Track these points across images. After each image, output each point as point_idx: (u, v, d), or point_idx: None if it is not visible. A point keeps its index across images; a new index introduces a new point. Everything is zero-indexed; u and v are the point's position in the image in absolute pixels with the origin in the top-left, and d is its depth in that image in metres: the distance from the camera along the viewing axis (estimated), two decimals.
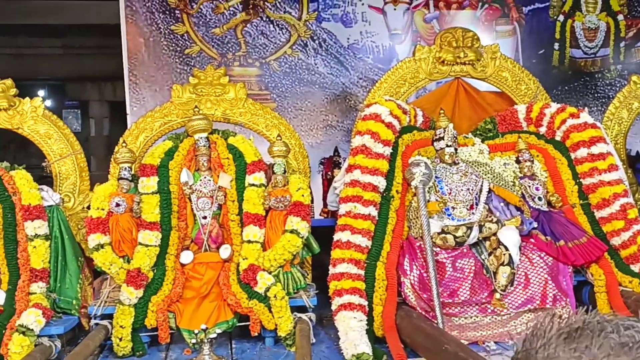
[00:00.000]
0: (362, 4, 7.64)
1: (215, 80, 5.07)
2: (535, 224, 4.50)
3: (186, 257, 4.36)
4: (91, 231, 4.24)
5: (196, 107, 4.81)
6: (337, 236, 4.30)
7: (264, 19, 7.46)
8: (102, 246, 4.21)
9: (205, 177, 4.54)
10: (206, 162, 4.55)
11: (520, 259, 4.28)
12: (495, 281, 4.16)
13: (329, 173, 6.41)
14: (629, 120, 5.60)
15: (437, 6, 7.80)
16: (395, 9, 7.72)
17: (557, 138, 4.90)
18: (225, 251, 4.39)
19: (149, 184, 4.36)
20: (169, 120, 4.98)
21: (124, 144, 4.63)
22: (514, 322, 4.20)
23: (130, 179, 4.46)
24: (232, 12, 7.39)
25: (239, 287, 4.15)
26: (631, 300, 4.08)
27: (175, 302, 4.13)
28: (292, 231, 4.29)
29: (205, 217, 4.46)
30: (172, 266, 4.25)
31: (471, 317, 4.19)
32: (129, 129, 5.07)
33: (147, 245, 4.21)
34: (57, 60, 11.27)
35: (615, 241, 4.48)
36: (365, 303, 4.06)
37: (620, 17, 8.05)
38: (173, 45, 7.27)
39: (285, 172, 4.57)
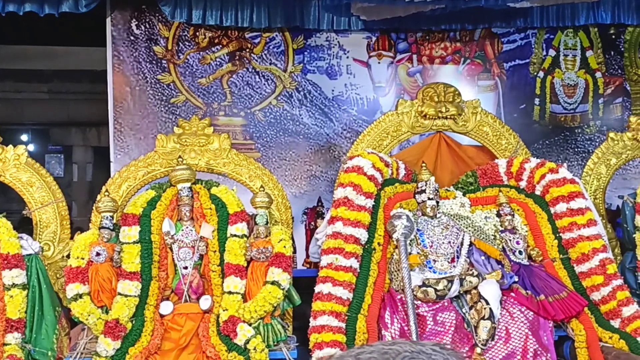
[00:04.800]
0: (347, 57, 7.79)
1: (199, 131, 5.11)
2: (516, 278, 4.52)
3: (166, 307, 4.31)
4: (70, 280, 4.20)
5: (180, 157, 4.84)
6: (318, 288, 4.29)
7: (250, 70, 7.58)
8: (80, 296, 4.16)
9: (187, 227, 4.53)
10: (188, 212, 4.55)
11: (501, 313, 4.28)
12: (476, 335, 4.16)
13: (312, 223, 6.42)
14: (607, 175, 5.68)
15: (421, 60, 7.97)
16: (379, 63, 7.87)
17: (537, 192, 4.96)
18: (205, 302, 4.36)
19: (130, 233, 4.35)
20: (153, 170, 4.99)
21: (106, 193, 4.63)
22: None
23: (111, 228, 4.45)
24: (218, 63, 7.50)
25: (219, 338, 4.11)
26: (611, 356, 4.09)
27: (153, 353, 4.07)
28: (273, 282, 4.27)
29: (186, 268, 4.44)
30: (151, 317, 4.20)
31: None
32: (111, 178, 5.07)
33: (126, 296, 4.17)
34: (42, 104, 11.28)
35: (595, 296, 4.50)
36: None
37: (598, 74, 8.26)
38: (159, 94, 7.34)
39: (267, 223, 4.58)
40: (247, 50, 7.54)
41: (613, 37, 8.20)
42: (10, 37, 8.19)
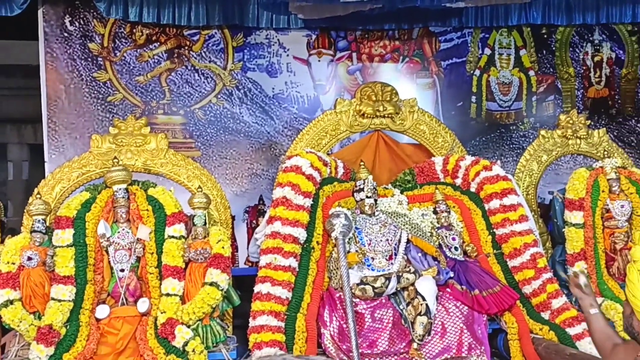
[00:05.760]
0: (287, 55, 7.78)
1: (136, 131, 5.03)
2: (451, 274, 4.63)
3: (102, 311, 4.24)
4: (0, 286, 4.07)
5: (115, 157, 4.75)
6: (257, 288, 4.30)
7: (189, 67, 7.49)
8: (11, 302, 4.04)
9: (123, 229, 4.46)
10: (125, 213, 4.48)
11: (437, 309, 4.38)
12: (413, 331, 4.24)
13: (254, 222, 6.41)
14: (539, 172, 5.87)
15: (360, 59, 8.03)
16: (319, 61, 7.89)
17: (472, 189, 5.09)
18: (143, 305, 4.30)
19: (63, 236, 4.25)
20: (87, 171, 4.89)
21: (38, 196, 4.51)
22: None
23: (44, 231, 4.34)
24: (156, 61, 7.38)
25: (157, 341, 4.07)
26: (541, 347, 4.24)
27: (88, 359, 3.99)
28: (211, 284, 4.25)
29: (122, 270, 4.37)
30: (87, 321, 4.13)
31: None
32: (44, 180, 4.94)
33: (60, 300, 4.08)
34: None
35: (527, 289, 4.66)
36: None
37: (531, 73, 8.50)
38: (95, 92, 7.17)
39: (205, 223, 4.55)
40: (186, 47, 7.45)
41: (545, 36, 8.45)
42: None
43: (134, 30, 7.30)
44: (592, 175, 5.29)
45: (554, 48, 8.54)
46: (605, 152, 5.65)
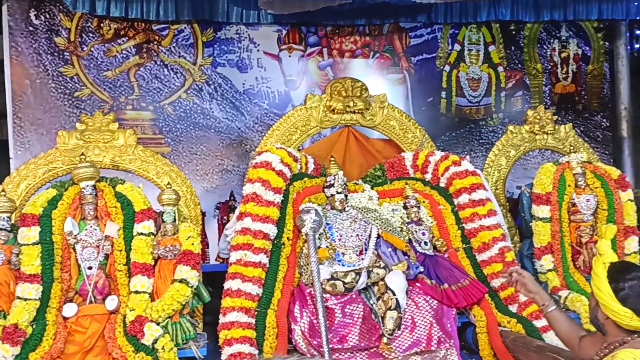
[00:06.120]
0: (258, 51, 7.75)
1: (104, 127, 4.96)
2: (421, 269, 4.67)
3: (69, 309, 4.18)
4: None
5: (83, 154, 4.68)
6: (227, 284, 4.28)
7: (158, 62, 7.41)
8: None
9: (91, 227, 4.39)
10: (92, 210, 4.42)
11: (407, 303, 4.41)
12: (383, 326, 4.26)
13: (225, 218, 6.39)
14: (507, 167, 5.94)
15: (331, 54, 8.03)
16: (290, 56, 7.88)
17: (442, 184, 5.14)
18: (111, 302, 4.25)
19: (29, 234, 4.17)
20: (54, 168, 4.80)
21: (2, 193, 4.42)
22: None
23: (9, 229, 4.26)
24: (124, 56, 7.29)
25: (125, 339, 4.03)
26: (509, 340, 4.29)
27: (55, 358, 3.93)
28: (181, 280, 4.21)
29: (90, 268, 4.31)
30: (54, 320, 4.06)
31: None
32: (9, 176, 4.84)
33: (26, 299, 4.01)
34: None
35: (495, 283, 4.72)
36: (256, 352, 4.04)
37: (500, 68, 8.59)
38: (62, 87, 7.06)
39: (175, 220, 4.52)
40: (155, 42, 7.37)
41: (513, 32, 8.55)
42: None
43: (102, 25, 7.20)
44: (558, 170, 5.38)
45: (522, 44, 8.65)
46: (572, 147, 5.74)
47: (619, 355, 2.40)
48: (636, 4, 8.07)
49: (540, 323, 4.39)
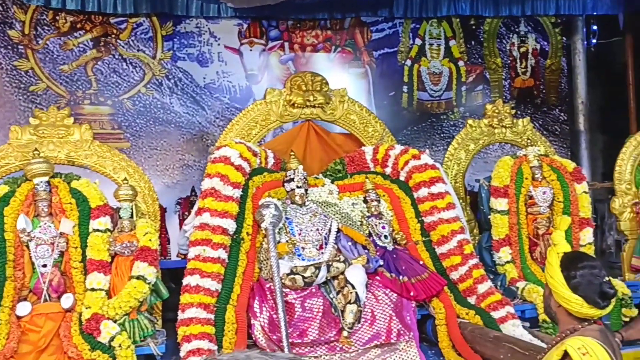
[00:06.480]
0: (218, 45, 7.70)
1: (58, 121, 4.86)
2: (381, 262, 4.68)
3: (23, 308, 4.09)
4: None
5: (36, 149, 4.58)
6: (186, 280, 4.24)
7: (117, 56, 7.31)
8: None
9: (45, 223, 4.30)
10: (46, 207, 4.32)
11: (366, 297, 4.42)
12: (343, 319, 4.27)
13: (186, 213, 6.33)
14: (467, 160, 6.00)
15: (292, 48, 8.02)
16: (251, 50, 7.84)
17: (401, 178, 5.16)
18: (66, 300, 4.17)
19: None
20: (6, 164, 4.69)
21: None
22: (362, 359, 4.31)
23: None
24: (81, 49, 7.17)
25: (81, 338, 3.96)
26: (467, 331, 4.34)
27: (9, 358, 3.84)
28: (138, 277, 4.16)
29: (45, 266, 4.22)
30: (7, 319, 3.97)
31: (320, 356, 4.25)
32: None
33: None
34: None
35: (454, 275, 4.76)
36: (215, 348, 4.01)
37: (461, 63, 8.69)
38: (16, 81, 6.91)
39: (132, 216, 4.46)
40: (113, 36, 7.26)
41: (473, 27, 8.65)
42: None
43: (57, 18, 7.06)
44: (516, 163, 5.45)
45: (482, 39, 8.76)
46: (529, 141, 5.82)
47: (568, 342, 2.44)
48: None
49: (497, 314, 4.46)
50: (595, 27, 9.07)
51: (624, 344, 3.84)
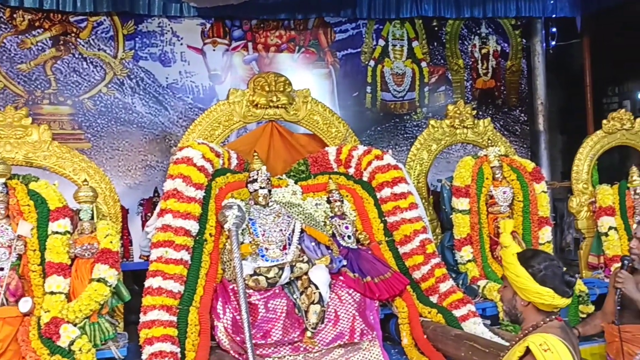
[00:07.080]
0: (181, 44, 7.64)
1: (16, 122, 4.75)
2: (344, 262, 4.70)
3: None
4: None
5: None
6: (148, 283, 4.20)
7: (77, 55, 7.19)
8: None
9: (2, 226, 4.21)
10: (3, 209, 4.23)
11: (330, 297, 4.43)
12: (307, 320, 4.27)
13: (149, 214, 6.25)
14: (429, 160, 6.06)
15: (256, 48, 8.01)
16: (214, 50, 7.81)
17: (364, 178, 5.18)
18: (25, 304, 4.08)
19: None
20: None
21: None
22: (326, 359, 4.32)
23: None
24: (40, 48, 7.04)
25: (40, 342, 3.88)
26: (429, 330, 4.39)
27: None
28: (99, 280, 4.10)
29: (2, 269, 4.13)
30: None
31: (284, 357, 4.26)
32: None
33: None
34: None
35: (416, 275, 4.81)
36: (178, 350, 3.98)
37: (423, 64, 8.78)
38: None
39: (93, 218, 4.39)
40: (73, 34, 7.14)
41: (436, 29, 8.75)
42: None
43: (15, 16, 6.92)
44: (477, 163, 5.53)
45: (444, 40, 8.86)
46: (490, 141, 5.91)
47: (530, 339, 2.50)
48: (552, 2, 8.41)
49: (459, 312, 4.52)
50: (554, 30, 9.26)
51: (580, 340, 3.94)
